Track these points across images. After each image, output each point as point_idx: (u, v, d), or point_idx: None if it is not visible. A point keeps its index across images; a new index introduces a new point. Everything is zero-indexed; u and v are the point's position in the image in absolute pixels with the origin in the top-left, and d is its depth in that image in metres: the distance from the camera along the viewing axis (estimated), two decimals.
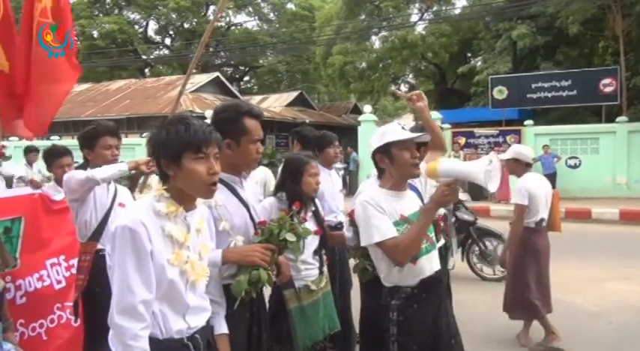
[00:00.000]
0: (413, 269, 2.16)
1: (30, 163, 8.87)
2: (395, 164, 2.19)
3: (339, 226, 3.51)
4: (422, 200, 2.33)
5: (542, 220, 4.01)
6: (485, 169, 1.96)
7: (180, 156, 1.59)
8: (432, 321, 2.20)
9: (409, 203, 2.25)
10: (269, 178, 3.97)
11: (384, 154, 2.20)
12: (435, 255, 2.27)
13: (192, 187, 1.64)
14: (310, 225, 2.61)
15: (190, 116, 1.69)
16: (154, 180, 1.73)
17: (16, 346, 2.53)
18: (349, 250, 3.00)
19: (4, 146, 8.27)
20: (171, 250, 1.60)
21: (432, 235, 2.26)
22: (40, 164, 10.07)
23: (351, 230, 2.82)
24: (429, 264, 2.23)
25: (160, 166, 1.65)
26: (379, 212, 2.13)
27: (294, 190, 2.65)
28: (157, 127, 1.68)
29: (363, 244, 2.21)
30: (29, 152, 8.83)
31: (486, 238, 6.06)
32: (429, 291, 2.21)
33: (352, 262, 3.04)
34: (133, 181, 3.35)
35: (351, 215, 2.82)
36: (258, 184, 3.07)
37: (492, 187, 1.99)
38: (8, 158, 8.81)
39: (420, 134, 2.27)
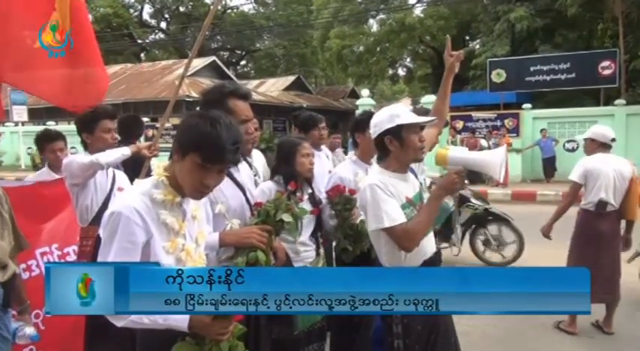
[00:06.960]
0: (417, 251, 2.14)
1: None
2: (404, 147, 2.16)
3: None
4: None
5: (602, 203, 3.80)
6: (501, 162, 2.02)
7: (187, 152, 1.52)
8: None
9: (411, 185, 2.25)
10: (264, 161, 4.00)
11: (394, 136, 2.14)
12: (432, 235, 2.29)
13: (183, 184, 1.60)
14: (307, 206, 2.63)
15: (233, 121, 1.56)
16: (155, 163, 1.69)
17: (26, 324, 2.45)
18: (330, 231, 2.94)
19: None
20: (167, 238, 1.60)
21: None
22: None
23: (328, 209, 2.85)
24: (429, 245, 2.25)
25: (174, 146, 1.59)
26: (388, 196, 2.09)
27: (288, 171, 2.67)
28: (194, 116, 1.57)
29: (371, 228, 2.15)
30: None
31: (493, 224, 5.97)
32: None
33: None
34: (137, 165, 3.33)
35: (329, 193, 2.85)
36: (262, 167, 3.03)
37: (501, 177, 2.11)
38: None
39: (430, 119, 2.27)
